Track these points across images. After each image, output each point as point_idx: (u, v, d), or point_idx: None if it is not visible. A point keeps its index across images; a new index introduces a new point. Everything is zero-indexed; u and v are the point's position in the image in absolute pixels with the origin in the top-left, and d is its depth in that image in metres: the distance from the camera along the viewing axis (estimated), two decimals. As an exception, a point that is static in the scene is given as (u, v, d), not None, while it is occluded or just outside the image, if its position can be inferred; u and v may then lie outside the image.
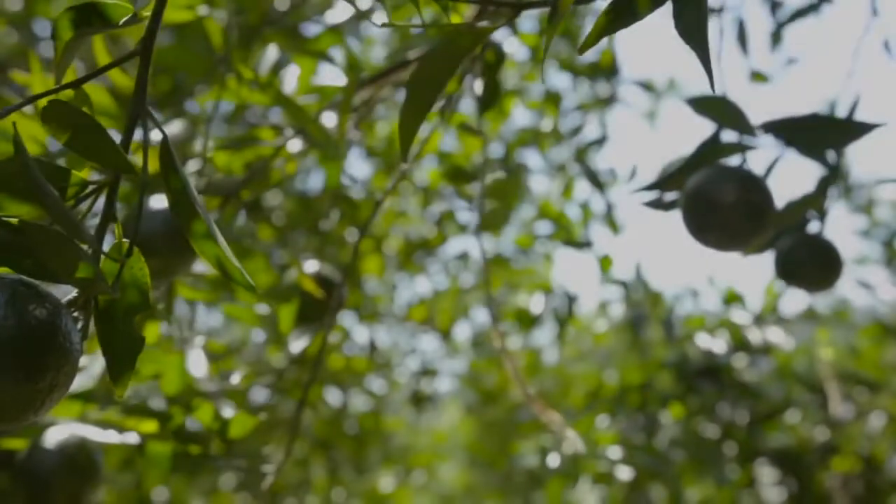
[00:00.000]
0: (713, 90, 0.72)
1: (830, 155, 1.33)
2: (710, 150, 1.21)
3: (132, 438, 1.29)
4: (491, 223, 1.51)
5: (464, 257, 4.14)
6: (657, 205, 1.26)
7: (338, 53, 1.48)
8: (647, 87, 2.61)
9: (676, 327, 2.67)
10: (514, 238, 3.99)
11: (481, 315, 4.32)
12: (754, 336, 2.52)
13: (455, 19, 1.34)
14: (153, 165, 0.87)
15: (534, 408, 1.32)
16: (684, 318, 2.82)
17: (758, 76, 2.38)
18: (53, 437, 1.31)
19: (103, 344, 0.74)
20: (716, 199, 1.12)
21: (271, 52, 1.45)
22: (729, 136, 1.25)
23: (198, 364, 1.38)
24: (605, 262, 2.53)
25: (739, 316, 2.60)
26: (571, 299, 2.70)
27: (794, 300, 2.85)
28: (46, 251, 0.64)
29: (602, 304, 2.79)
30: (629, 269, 2.75)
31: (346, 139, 1.28)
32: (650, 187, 1.24)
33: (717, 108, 1.28)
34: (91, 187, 0.74)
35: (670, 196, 1.25)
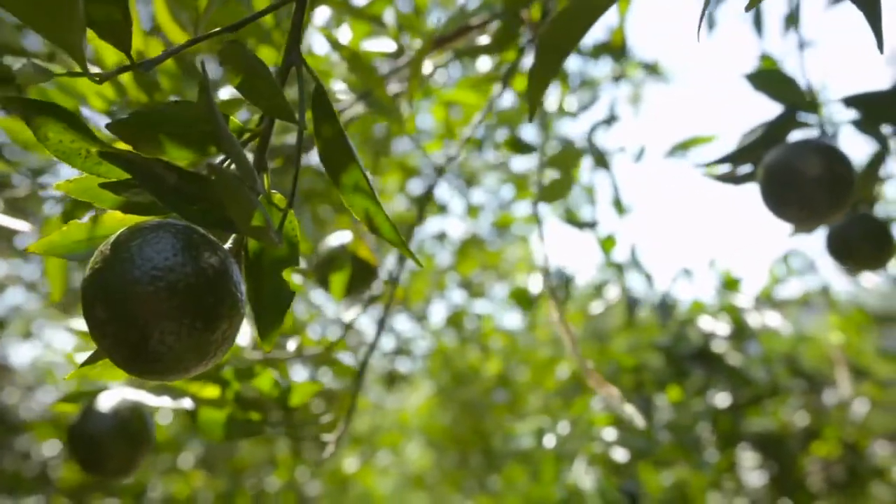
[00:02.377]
0: (881, 52, 0.71)
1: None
2: (784, 123, 1.21)
3: (186, 404, 1.26)
4: (552, 193, 1.50)
5: (441, 237, 4.14)
6: (729, 178, 1.25)
7: (390, 17, 1.46)
8: (652, 69, 2.61)
9: (671, 310, 2.68)
10: (493, 219, 4.00)
11: (456, 296, 4.32)
12: (753, 320, 2.54)
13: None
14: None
15: (590, 381, 1.31)
16: (683, 302, 2.83)
17: (767, 60, 2.39)
18: (106, 400, 1.28)
19: (251, 297, 0.72)
20: (800, 172, 1.11)
21: (322, 14, 1.43)
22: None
23: (244, 334, 1.36)
24: (607, 243, 2.53)
25: (740, 299, 2.62)
26: (568, 280, 2.70)
27: (788, 286, 2.86)
28: (228, 198, 0.61)
29: (598, 286, 2.79)
30: (626, 251, 2.75)
31: (412, 103, 1.27)
32: (722, 160, 1.24)
33: (776, 83, 1.28)
34: (246, 135, 0.72)
35: (743, 170, 1.24)
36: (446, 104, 1.98)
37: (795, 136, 1.21)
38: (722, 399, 2.88)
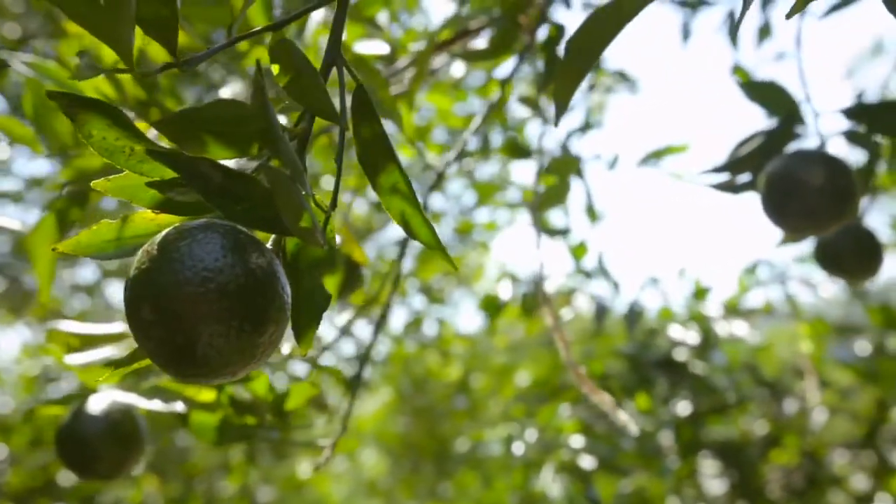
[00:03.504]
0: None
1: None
2: (783, 134, 1.22)
3: (178, 407, 1.24)
4: (550, 200, 1.50)
5: (403, 242, 4.13)
6: (727, 187, 1.26)
7: (383, 20, 1.45)
8: (624, 77, 2.63)
9: (638, 318, 2.70)
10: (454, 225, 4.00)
11: (416, 301, 4.32)
12: (721, 329, 2.57)
13: None
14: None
15: (584, 388, 1.31)
16: (651, 310, 2.85)
17: (739, 71, 2.42)
18: (97, 403, 1.26)
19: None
20: (803, 182, 1.13)
21: (316, 16, 1.42)
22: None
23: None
24: (578, 251, 2.54)
25: (708, 308, 2.65)
26: (537, 286, 2.71)
27: (754, 295, 2.90)
28: (280, 198, 0.60)
29: (567, 293, 2.80)
30: (594, 259, 2.77)
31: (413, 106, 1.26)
32: (721, 169, 1.25)
33: (769, 94, 1.30)
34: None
35: (742, 178, 1.25)
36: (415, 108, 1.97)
37: (793, 146, 1.23)
38: (684, 407, 2.90)
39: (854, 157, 1.37)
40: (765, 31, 2.33)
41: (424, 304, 4.27)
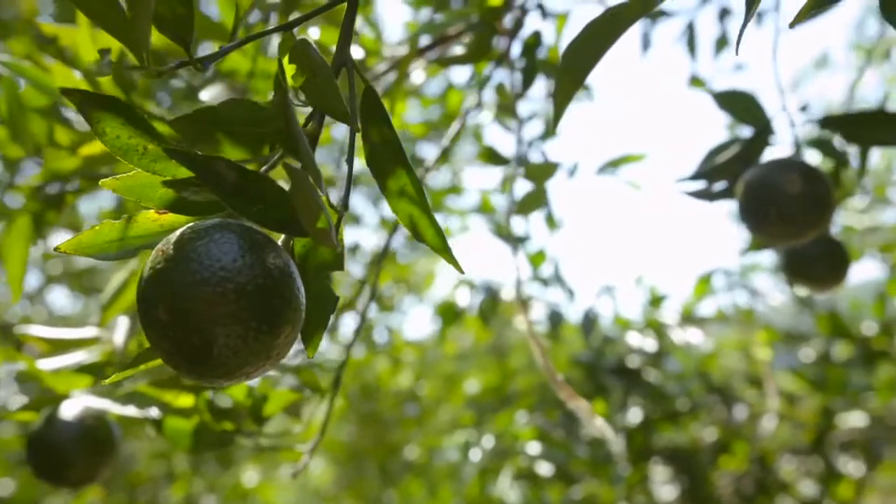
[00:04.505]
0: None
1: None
2: (758, 142, 1.24)
3: (153, 413, 1.22)
4: (527, 206, 1.51)
5: (354, 249, 4.11)
6: (704, 195, 1.28)
7: (358, 24, 1.45)
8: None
9: (593, 325, 2.71)
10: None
11: (370, 310, 4.29)
12: (677, 336, 2.60)
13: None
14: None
15: (561, 394, 1.32)
16: (607, 317, 2.87)
17: (696, 81, 2.45)
18: (70, 409, 1.23)
19: (296, 301, 0.71)
20: (781, 190, 1.14)
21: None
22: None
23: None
24: (536, 258, 2.55)
25: (664, 316, 2.68)
26: (494, 293, 2.72)
27: (708, 303, 2.93)
28: (300, 199, 0.60)
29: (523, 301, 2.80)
30: (550, 266, 2.78)
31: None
32: (698, 177, 1.26)
33: (740, 104, 1.32)
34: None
35: (718, 186, 1.27)
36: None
37: (769, 154, 1.25)
38: (635, 414, 2.92)
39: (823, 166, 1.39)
40: (722, 43, 2.36)
41: (374, 311, 4.26)
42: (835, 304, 3.31)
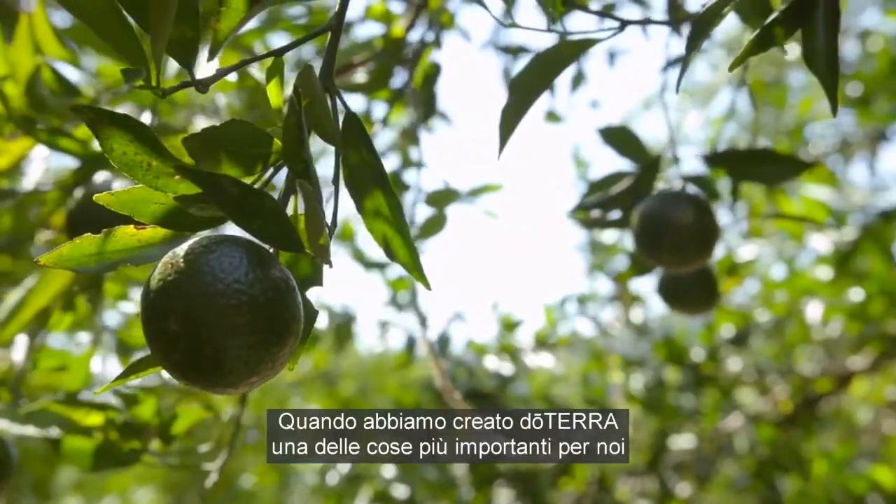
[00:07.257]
0: (834, 116, 0.82)
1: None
2: (649, 175, 1.34)
3: (53, 432, 1.21)
4: (429, 230, 1.56)
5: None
6: (597, 223, 1.36)
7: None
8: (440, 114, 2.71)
9: (445, 349, 2.78)
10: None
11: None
12: (530, 361, 2.69)
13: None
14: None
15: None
16: (460, 342, 2.94)
17: (552, 116, 2.56)
18: (-35, 429, 1.20)
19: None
20: (674, 220, 1.23)
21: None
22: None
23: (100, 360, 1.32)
24: (398, 284, 2.60)
25: (519, 340, 2.76)
26: (351, 318, 2.75)
27: (561, 329, 3.03)
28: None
29: (381, 325, 2.85)
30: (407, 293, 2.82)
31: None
32: (590, 206, 1.34)
33: (622, 139, 1.42)
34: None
35: (613, 215, 1.35)
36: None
37: (659, 187, 1.34)
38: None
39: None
40: (578, 80, 2.48)
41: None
42: (670, 331, 3.49)
